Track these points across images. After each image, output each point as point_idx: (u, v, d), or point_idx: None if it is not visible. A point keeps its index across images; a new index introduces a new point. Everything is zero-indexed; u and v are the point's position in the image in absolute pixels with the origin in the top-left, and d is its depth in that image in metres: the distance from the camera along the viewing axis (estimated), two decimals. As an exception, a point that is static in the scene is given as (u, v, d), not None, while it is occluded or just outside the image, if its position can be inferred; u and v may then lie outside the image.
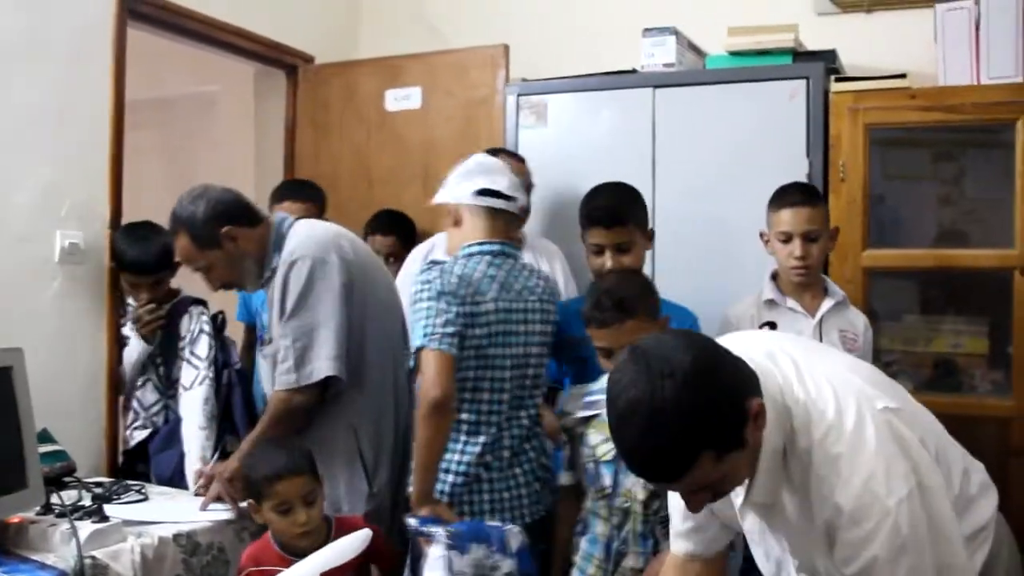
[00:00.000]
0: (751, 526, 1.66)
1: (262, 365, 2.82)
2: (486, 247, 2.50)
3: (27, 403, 2.26)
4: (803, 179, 2.98)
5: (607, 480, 2.19)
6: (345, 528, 2.14)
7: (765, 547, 1.67)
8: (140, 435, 3.10)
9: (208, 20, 3.58)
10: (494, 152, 3.05)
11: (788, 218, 2.66)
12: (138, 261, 3.02)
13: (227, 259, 2.65)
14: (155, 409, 3.09)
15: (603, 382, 2.25)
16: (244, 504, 2.58)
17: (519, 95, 3.48)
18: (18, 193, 2.89)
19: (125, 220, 3.18)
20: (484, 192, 2.52)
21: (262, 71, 4.17)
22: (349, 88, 3.97)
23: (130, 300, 3.14)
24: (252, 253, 2.66)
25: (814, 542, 1.52)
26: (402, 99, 3.84)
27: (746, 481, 1.53)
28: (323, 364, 2.51)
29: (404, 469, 2.68)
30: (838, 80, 3.13)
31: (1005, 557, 1.78)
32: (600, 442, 2.22)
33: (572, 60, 3.59)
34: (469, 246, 2.50)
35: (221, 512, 2.56)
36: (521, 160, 3.12)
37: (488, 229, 2.52)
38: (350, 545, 1.43)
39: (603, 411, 2.13)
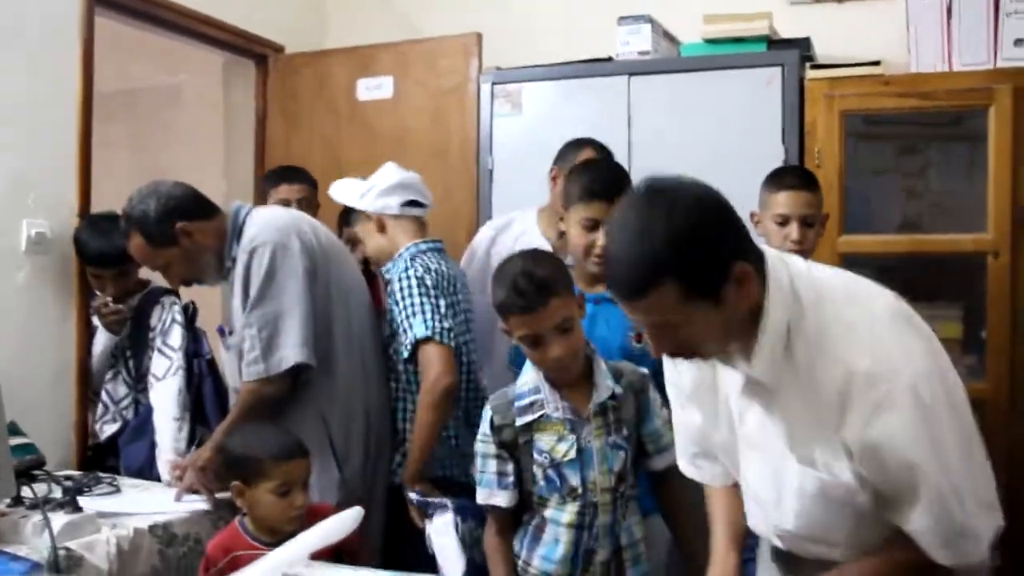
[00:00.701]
0: (750, 429, 1.59)
1: (226, 358, 2.76)
2: (431, 244, 2.73)
3: (-4, 393, 2.20)
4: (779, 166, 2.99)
5: (575, 480, 2.05)
6: (316, 516, 2.08)
7: (763, 451, 1.58)
8: (110, 429, 3.04)
9: (177, 8, 3.52)
10: (583, 143, 2.92)
11: (786, 200, 2.61)
12: (101, 254, 2.95)
13: (184, 255, 2.58)
14: (125, 403, 3.04)
15: (525, 380, 2.12)
16: (221, 495, 2.55)
17: (493, 83, 3.47)
18: (-17, 181, 2.83)
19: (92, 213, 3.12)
20: (410, 203, 2.75)
21: (231, 61, 4.11)
22: (320, 78, 3.92)
23: (98, 291, 3.08)
24: (210, 247, 2.60)
25: (818, 428, 1.46)
26: (374, 88, 3.80)
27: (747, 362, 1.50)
28: (291, 352, 2.47)
29: (379, 456, 2.65)
30: (813, 67, 3.14)
31: None
32: (555, 443, 2.06)
33: (546, 48, 3.58)
34: (417, 244, 2.71)
35: (197, 502, 2.52)
36: (609, 154, 2.96)
37: (418, 231, 2.75)
38: (341, 524, 1.39)
39: (547, 410, 2.05)
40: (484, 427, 2.13)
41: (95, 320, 3.07)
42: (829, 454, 1.47)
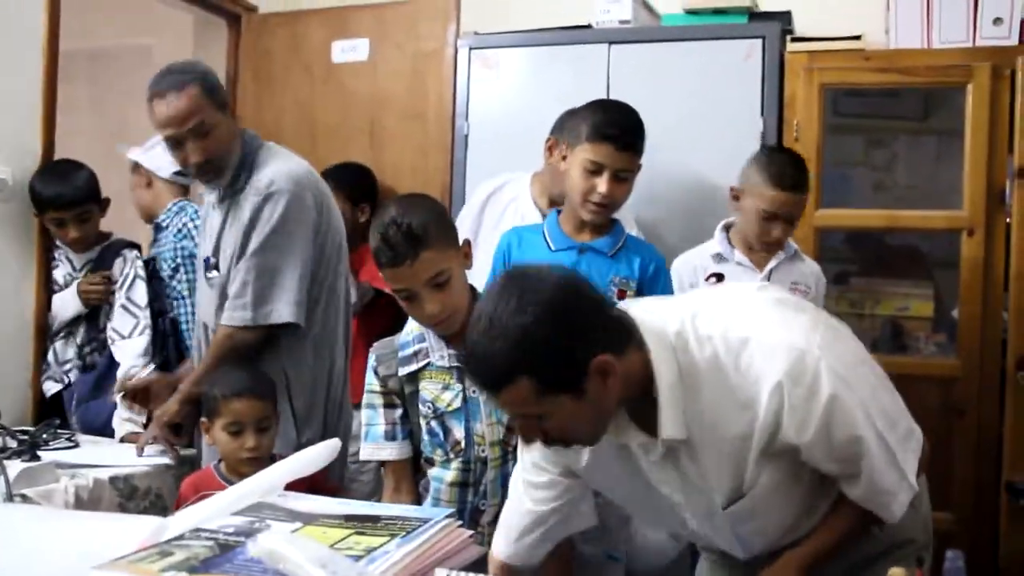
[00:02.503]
0: (670, 493, 1.59)
1: (204, 290, 2.62)
2: (192, 204, 3.11)
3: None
4: (757, 139, 2.97)
5: (459, 432, 1.93)
6: None
7: (692, 508, 1.60)
8: (51, 387, 2.96)
9: (148, -40, 3.44)
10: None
11: (779, 199, 2.53)
12: (59, 194, 2.85)
13: (228, 129, 2.48)
14: (68, 365, 2.96)
15: (410, 330, 2.00)
16: (184, 452, 2.50)
17: (471, 48, 3.41)
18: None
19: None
20: (179, 173, 3.04)
21: (201, 21, 4.02)
22: (294, 39, 3.85)
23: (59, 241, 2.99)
24: (233, 137, 2.49)
25: (738, 457, 1.49)
26: (349, 51, 3.74)
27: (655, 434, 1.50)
28: (285, 309, 2.40)
29: (339, 421, 2.59)
30: (793, 40, 3.13)
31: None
32: (439, 392, 1.94)
33: (525, 14, 3.54)
34: (180, 202, 3.10)
35: (158, 458, 2.45)
36: None
37: (180, 192, 3.16)
38: (318, 455, 1.35)
39: (432, 358, 1.93)
40: (369, 377, 2.00)
41: (56, 273, 2.99)
42: (755, 472, 1.50)
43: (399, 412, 1.96)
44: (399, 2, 3.72)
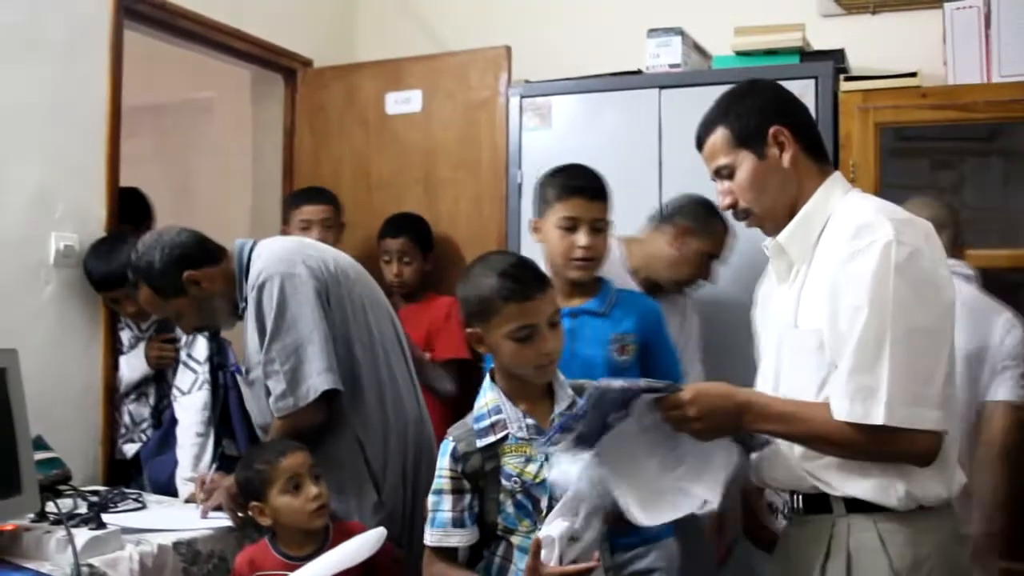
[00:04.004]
0: (775, 305, 1.87)
1: (249, 396, 2.69)
2: None
3: (21, 406, 2.18)
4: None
5: (545, 501, 1.84)
6: (344, 533, 2.07)
7: (776, 324, 1.85)
8: (131, 448, 3.04)
9: (205, 21, 3.52)
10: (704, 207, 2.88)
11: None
12: (106, 276, 2.92)
13: (194, 304, 2.53)
14: (144, 424, 3.03)
15: (483, 402, 1.93)
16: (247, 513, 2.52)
17: (522, 96, 3.44)
18: (11, 193, 2.82)
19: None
20: None
21: (259, 76, 4.11)
22: (349, 91, 3.90)
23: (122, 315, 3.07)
24: (220, 291, 2.54)
25: (818, 294, 1.71)
26: (402, 102, 3.78)
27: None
28: (318, 379, 2.40)
29: (417, 469, 2.60)
30: (847, 79, 3.09)
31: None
32: (523, 466, 1.86)
33: (576, 61, 3.54)
34: None
35: (222, 520, 2.48)
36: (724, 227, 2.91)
37: None
38: (364, 544, 1.35)
39: (511, 429, 1.86)
40: (445, 461, 1.89)
41: (123, 335, 3.06)
42: (817, 313, 1.70)
43: (468, 498, 1.88)
44: (450, 53, 3.76)
